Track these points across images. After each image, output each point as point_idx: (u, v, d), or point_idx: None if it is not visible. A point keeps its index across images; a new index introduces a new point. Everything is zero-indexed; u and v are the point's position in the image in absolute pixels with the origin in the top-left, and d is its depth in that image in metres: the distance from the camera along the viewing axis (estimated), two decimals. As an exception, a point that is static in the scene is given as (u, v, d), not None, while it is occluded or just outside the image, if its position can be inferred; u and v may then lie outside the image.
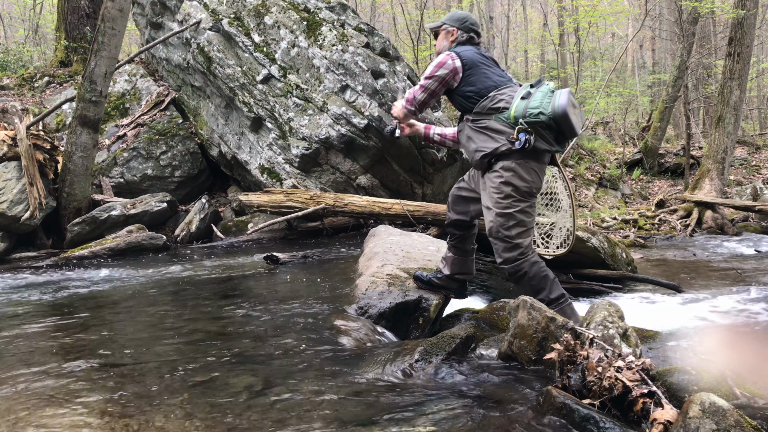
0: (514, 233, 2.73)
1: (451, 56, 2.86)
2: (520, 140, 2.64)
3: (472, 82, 2.83)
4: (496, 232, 2.76)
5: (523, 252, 2.74)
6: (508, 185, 2.72)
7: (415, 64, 14.63)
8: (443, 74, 2.85)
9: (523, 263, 2.73)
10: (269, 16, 7.90)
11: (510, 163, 2.71)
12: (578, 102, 2.80)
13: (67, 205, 6.80)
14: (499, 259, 2.80)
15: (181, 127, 8.64)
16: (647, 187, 14.28)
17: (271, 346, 2.62)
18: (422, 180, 7.97)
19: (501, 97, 2.76)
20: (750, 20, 10.42)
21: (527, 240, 2.77)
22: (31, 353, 2.65)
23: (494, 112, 2.75)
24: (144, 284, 4.40)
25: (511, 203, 2.72)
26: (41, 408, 1.96)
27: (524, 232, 2.75)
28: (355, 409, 1.94)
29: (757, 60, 18.94)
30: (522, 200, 2.73)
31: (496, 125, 2.74)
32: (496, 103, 2.75)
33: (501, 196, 2.74)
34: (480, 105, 2.79)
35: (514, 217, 2.73)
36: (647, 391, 1.75)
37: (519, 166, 2.71)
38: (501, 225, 2.74)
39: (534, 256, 2.77)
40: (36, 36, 16.25)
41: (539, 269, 2.74)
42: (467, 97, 2.83)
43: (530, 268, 2.73)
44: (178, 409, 1.94)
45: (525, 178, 2.72)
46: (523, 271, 2.73)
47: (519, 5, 24.39)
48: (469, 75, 2.83)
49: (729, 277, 5.49)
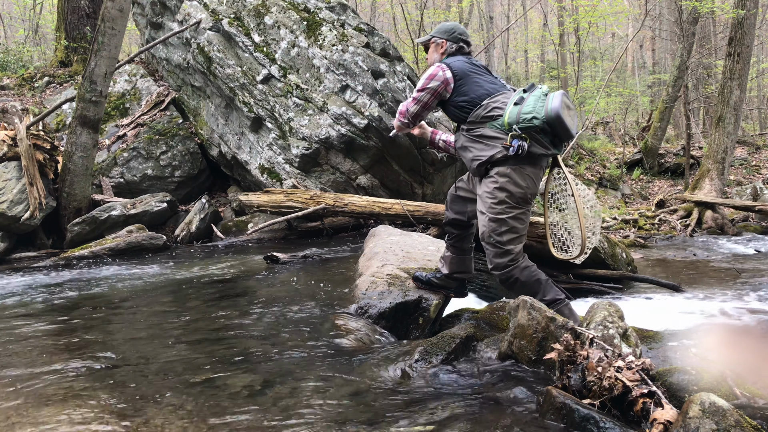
0: (505, 239, 2.74)
1: (441, 68, 2.88)
2: (514, 146, 2.65)
3: (464, 92, 2.84)
4: (488, 237, 2.77)
5: (513, 258, 2.75)
6: (503, 191, 2.73)
7: (415, 64, 14.63)
8: (435, 86, 2.86)
9: (513, 270, 2.75)
10: (269, 16, 7.90)
11: (505, 168, 2.72)
12: (577, 102, 2.80)
13: (67, 205, 6.80)
14: (490, 265, 2.82)
15: (181, 127, 8.64)
16: (647, 187, 14.28)
17: (271, 346, 2.61)
18: (422, 180, 7.97)
19: (494, 105, 2.77)
20: (750, 20, 10.42)
21: (518, 246, 2.78)
22: (31, 353, 2.65)
23: (488, 120, 2.76)
24: (144, 284, 4.40)
25: (504, 209, 2.73)
26: (41, 408, 1.96)
27: (516, 239, 2.77)
28: (355, 408, 1.94)
29: (757, 60, 18.94)
30: (516, 207, 2.74)
31: (491, 133, 2.75)
32: (490, 111, 2.76)
33: (494, 202, 2.74)
34: (474, 114, 2.80)
35: (506, 223, 2.73)
36: (647, 391, 1.75)
37: (514, 172, 2.71)
38: (493, 230, 2.75)
39: (525, 262, 2.78)
40: (36, 36, 16.25)
41: (530, 274, 2.75)
42: (461, 107, 2.85)
43: (521, 273, 2.74)
44: (178, 409, 1.94)
45: (520, 183, 2.73)
46: (515, 277, 2.75)
47: (519, 5, 24.38)
48: (461, 85, 2.85)
49: (729, 277, 5.49)
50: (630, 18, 22.12)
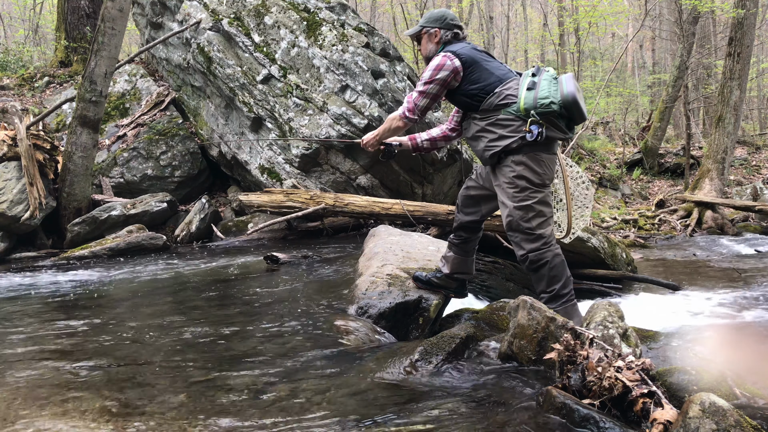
0: (534, 224, 2.70)
1: (449, 56, 2.80)
2: (533, 132, 2.61)
3: (475, 79, 2.78)
4: (516, 225, 2.72)
5: (546, 242, 2.71)
6: (522, 178, 2.70)
7: (415, 64, 14.62)
8: (444, 76, 2.79)
9: (546, 252, 2.69)
10: (269, 16, 7.90)
11: (521, 156, 2.69)
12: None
13: (67, 205, 6.79)
14: (521, 251, 2.74)
15: (181, 127, 8.64)
16: (647, 187, 14.28)
17: (271, 346, 2.61)
18: (422, 180, 7.97)
19: (507, 92, 2.72)
20: (750, 20, 10.43)
21: (548, 229, 2.74)
22: (31, 353, 2.64)
23: (502, 107, 2.71)
24: (144, 284, 4.40)
25: (528, 195, 2.70)
26: (40, 408, 1.96)
27: (544, 222, 2.73)
28: (355, 408, 1.94)
29: (757, 60, 18.94)
30: (538, 191, 2.71)
31: (505, 120, 2.71)
32: (503, 99, 2.71)
33: (516, 190, 2.71)
34: (487, 102, 2.74)
35: (532, 208, 2.70)
36: (647, 391, 1.75)
37: (530, 159, 2.69)
38: (521, 218, 2.70)
39: (557, 248, 2.73)
40: (36, 36, 16.25)
41: (561, 260, 2.71)
42: (472, 95, 2.79)
43: (553, 258, 2.69)
44: (178, 409, 1.94)
45: (536, 170, 2.70)
46: (546, 260, 2.69)
47: (519, 5, 24.38)
48: (471, 72, 2.78)
49: (729, 277, 5.49)
50: (630, 18, 22.11)
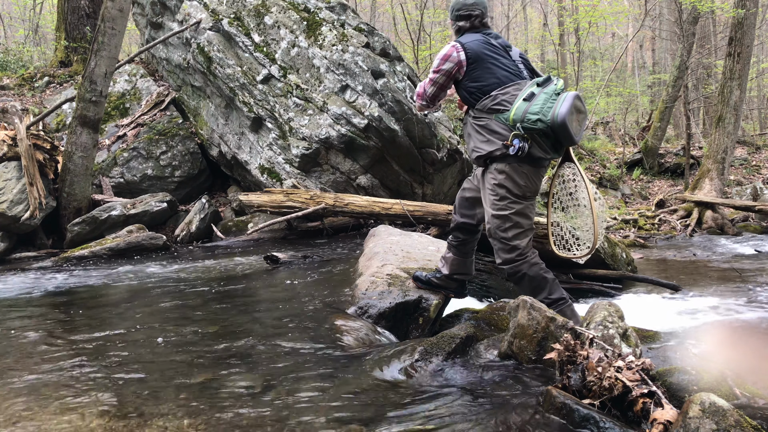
0: (510, 235, 2.71)
1: (456, 48, 2.80)
2: (514, 146, 2.58)
3: (475, 77, 2.77)
4: (494, 233, 2.75)
5: (521, 253, 2.71)
6: (502, 187, 2.69)
7: (415, 64, 14.62)
8: (449, 68, 2.80)
9: (521, 264, 2.71)
10: (269, 16, 7.90)
11: (503, 166, 2.68)
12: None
13: (67, 205, 6.79)
14: (498, 260, 2.79)
15: (181, 127, 8.64)
16: (647, 187, 14.28)
17: (271, 346, 2.61)
18: (422, 180, 7.97)
19: (503, 97, 2.69)
20: (750, 20, 10.42)
21: (524, 241, 2.73)
22: (30, 353, 2.65)
23: (494, 112, 2.70)
24: (144, 284, 4.40)
25: (506, 205, 2.70)
26: (40, 408, 1.96)
27: (521, 234, 2.73)
28: (355, 408, 1.94)
29: (757, 60, 18.94)
30: (517, 202, 2.70)
31: (494, 126, 2.69)
32: (497, 104, 2.69)
33: (496, 198, 2.72)
34: (481, 103, 2.74)
35: (509, 219, 2.70)
36: (647, 391, 1.75)
37: (512, 170, 2.67)
38: (497, 227, 2.72)
39: (534, 258, 2.74)
40: (36, 36, 16.24)
41: (538, 270, 2.71)
42: (470, 92, 2.80)
43: (529, 269, 2.70)
44: (178, 409, 1.94)
45: (518, 182, 2.68)
46: (522, 272, 2.71)
47: (519, 5, 24.38)
48: (473, 69, 2.77)
49: (729, 277, 5.49)
50: (630, 18, 22.11)
